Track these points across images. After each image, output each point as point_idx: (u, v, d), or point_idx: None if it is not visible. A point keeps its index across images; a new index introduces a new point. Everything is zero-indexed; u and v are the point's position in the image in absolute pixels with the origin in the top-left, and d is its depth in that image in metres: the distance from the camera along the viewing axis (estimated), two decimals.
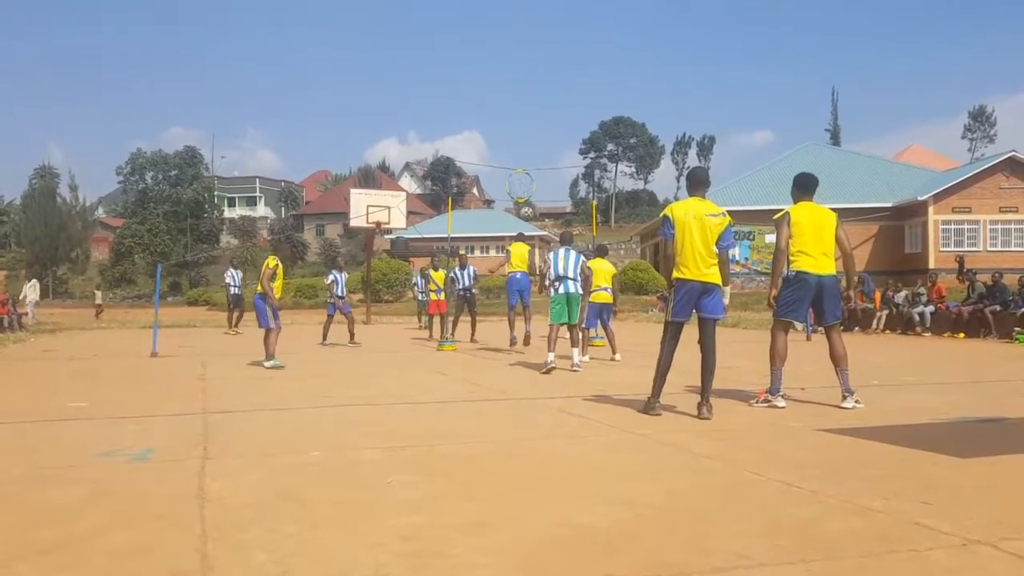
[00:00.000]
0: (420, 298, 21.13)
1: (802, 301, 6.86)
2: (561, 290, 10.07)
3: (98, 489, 4.07)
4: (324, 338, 15.67)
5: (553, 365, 9.80)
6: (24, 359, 13.47)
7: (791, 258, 6.84)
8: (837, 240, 6.85)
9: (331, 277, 16.36)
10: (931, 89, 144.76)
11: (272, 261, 11.16)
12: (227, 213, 77.88)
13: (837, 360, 6.82)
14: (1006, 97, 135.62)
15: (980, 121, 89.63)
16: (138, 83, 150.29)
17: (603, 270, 12.35)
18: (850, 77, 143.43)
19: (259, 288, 11.16)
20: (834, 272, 6.85)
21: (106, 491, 4.03)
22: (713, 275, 6.42)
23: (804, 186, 7.12)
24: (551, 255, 10.46)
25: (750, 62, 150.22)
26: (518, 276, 13.51)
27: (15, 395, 8.43)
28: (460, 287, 15.64)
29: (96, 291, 40.77)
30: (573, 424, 6.13)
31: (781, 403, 6.76)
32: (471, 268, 15.95)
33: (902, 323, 18.50)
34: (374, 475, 4.35)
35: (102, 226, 73.86)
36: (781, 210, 7.04)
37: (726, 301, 6.66)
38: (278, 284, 11.18)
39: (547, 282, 10.30)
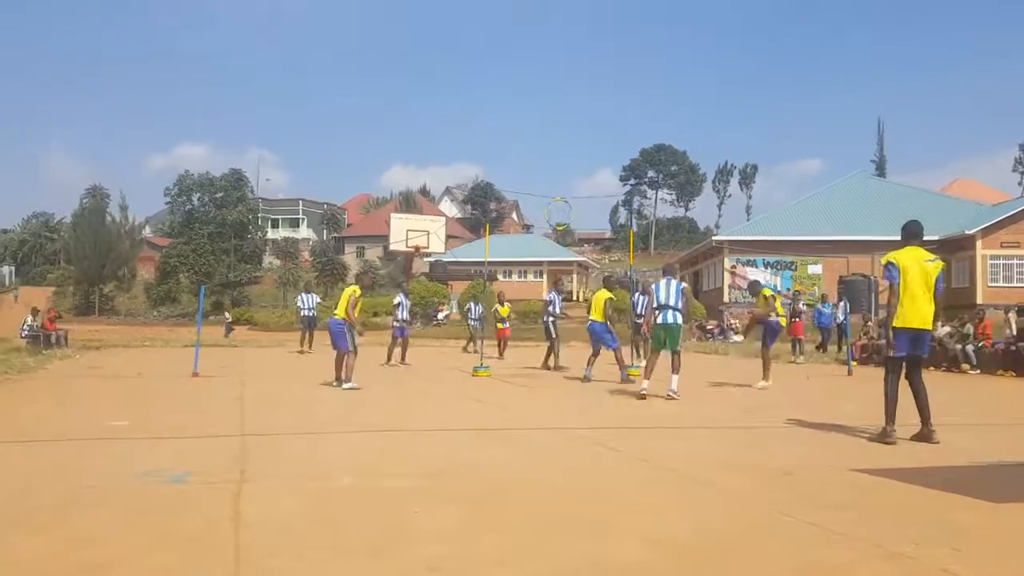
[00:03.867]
0: (472, 323, 21.85)
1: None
2: (660, 319, 10.36)
3: (137, 510, 4.18)
4: (389, 359, 16.43)
5: (646, 392, 10.05)
6: (70, 376, 13.80)
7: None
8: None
9: (398, 300, 16.98)
10: (981, 121, 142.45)
11: (356, 290, 11.96)
12: (270, 234, 79.06)
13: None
14: None
15: None
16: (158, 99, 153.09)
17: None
18: (899, 107, 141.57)
19: (341, 314, 11.70)
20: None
21: (144, 512, 4.14)
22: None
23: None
24: (654, 285, 10.90)
25: (799, 91, 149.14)
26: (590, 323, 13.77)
27: (61, 413, 8.65)
28: (553, 314, 15.95)
29: (227, 313, 40.98)
30: (605, 457, 6.13)
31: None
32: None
33: (947, 360, 18.12)
34: (404, 503, 4.41)
35: (149, 245, 75.38)
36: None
37: None
38: (358, 311, 11.91)
39: (650, 310, 10.83)
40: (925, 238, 7.23)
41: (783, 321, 13.58)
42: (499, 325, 20.38)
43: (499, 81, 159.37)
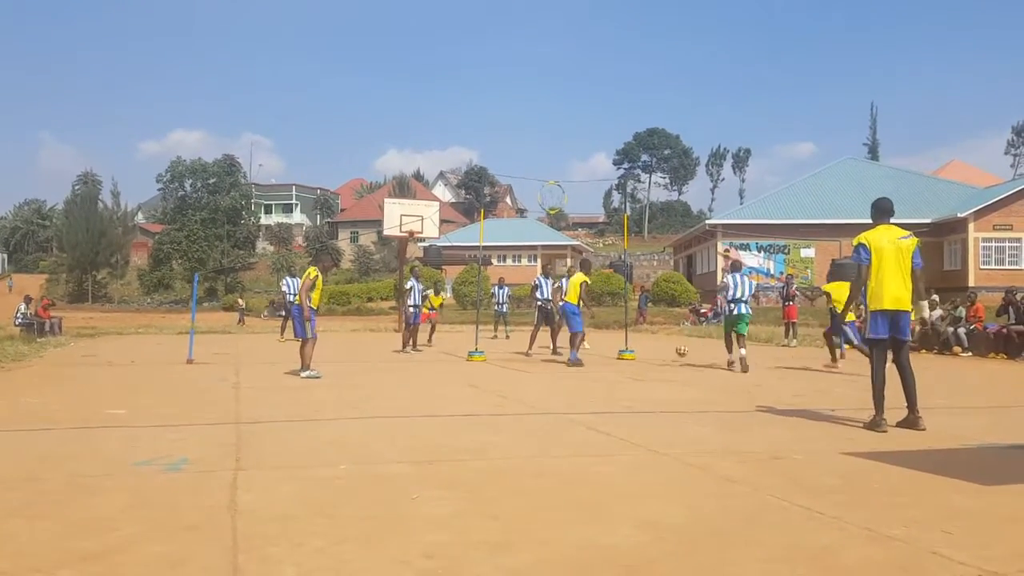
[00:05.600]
0: (497, 309, 21.88)
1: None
2: (737, 310, 12.63)
3: (135, 499, 4.21)
4: (410, 345, 16.32)
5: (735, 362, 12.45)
6: (65, 364, 13.80)
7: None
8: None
9: (410, 284, 16.85)
10: (974, 104, 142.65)
11: (313, 271, 11.42)
12: (264, 220, 78.89)
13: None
14: None
15: None
16: (152, 89, 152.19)
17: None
18: (892, 91, 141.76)
19: (298, 299, 11.46)
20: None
21: (142, 501, 4.17)
22: None
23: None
24: (729, 277, 12.85)
25: (792, 74, 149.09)
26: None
27: (57, 401, 8.65)
28: (541, 297, 15.76)
29: (239, 300, 40.14)
30: (600, 441, 6.18)
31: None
32: (552, 280, 16.12)
33: (938, 342, 18.23)
34: (401, 490, 4.44)
35: (141, 232, 75.18)
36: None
37: None
38: (316, 295, 11.42)
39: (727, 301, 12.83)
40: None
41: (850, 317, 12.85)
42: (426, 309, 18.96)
43: (495, 65, 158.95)
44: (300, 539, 3.49)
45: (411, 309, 16.51)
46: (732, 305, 12.61)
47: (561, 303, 13.79)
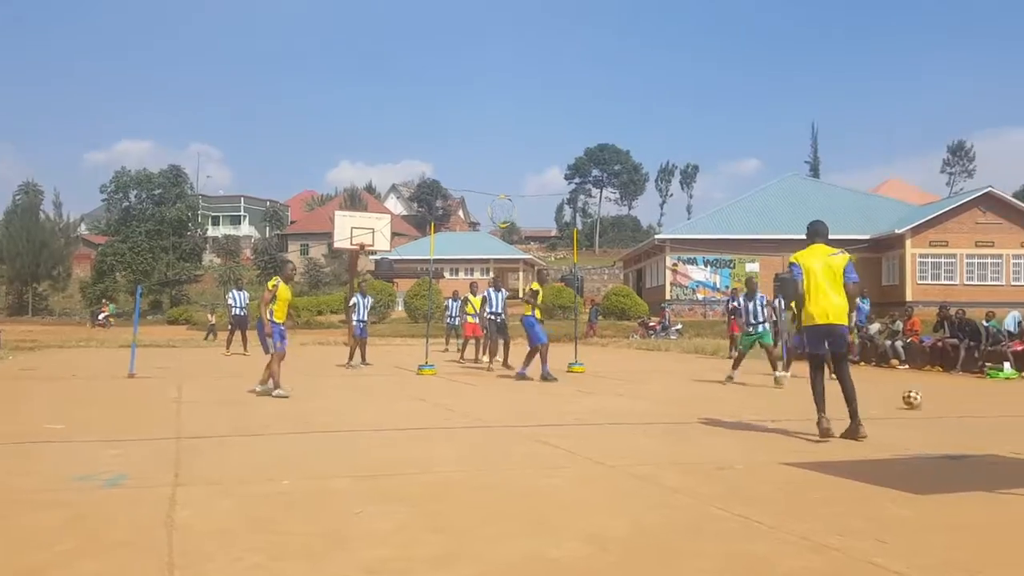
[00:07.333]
0: (449, 322, 21.65)
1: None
2: (754, 331, 13.48)
3: (72, 514, 4.11)
4: (350, 359, 16.13)
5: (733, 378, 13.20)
6: (3, 378, 13.39)
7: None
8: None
9: (353, 300, 16.77)
10: (911, 123, 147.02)
11: (272, 282, 10.60)
12: (211, 232, 77.56)
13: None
14: (985, 132, 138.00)
15: (959, 156, 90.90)
16: (100, 95, 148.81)
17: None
18: (832, 110, 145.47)
19: (260, 312, 10.58)
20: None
21: (80, 516, 4.08)
22: None
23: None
24: (742, 300, 13.94)
25: (737, 93, 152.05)
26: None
27: None
28: (490, 310, 15.65)
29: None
30: (546, 454, 6.20)
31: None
32: (503, 292, 16.01)
33: (876, 355, 18.67)
34: (343, 505, 4.41)
35: (84, 243, 73.40)
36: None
37: None
38: (280, 306, 10.55)
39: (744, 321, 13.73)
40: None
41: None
42: (468, 320, 18.58)
43: (451, 77, 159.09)
44: (238, 555, 3.45)
45: (359, 324, 16.42)
46: (751, 327, 13.55)
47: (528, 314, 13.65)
